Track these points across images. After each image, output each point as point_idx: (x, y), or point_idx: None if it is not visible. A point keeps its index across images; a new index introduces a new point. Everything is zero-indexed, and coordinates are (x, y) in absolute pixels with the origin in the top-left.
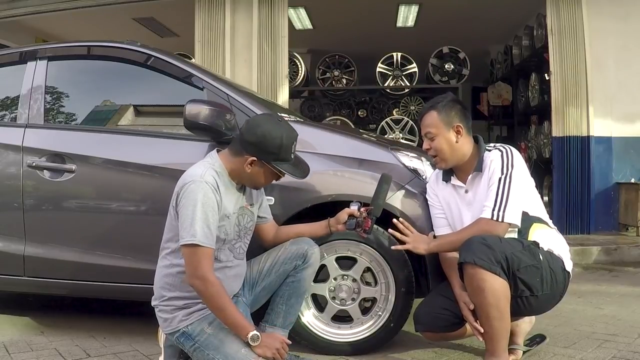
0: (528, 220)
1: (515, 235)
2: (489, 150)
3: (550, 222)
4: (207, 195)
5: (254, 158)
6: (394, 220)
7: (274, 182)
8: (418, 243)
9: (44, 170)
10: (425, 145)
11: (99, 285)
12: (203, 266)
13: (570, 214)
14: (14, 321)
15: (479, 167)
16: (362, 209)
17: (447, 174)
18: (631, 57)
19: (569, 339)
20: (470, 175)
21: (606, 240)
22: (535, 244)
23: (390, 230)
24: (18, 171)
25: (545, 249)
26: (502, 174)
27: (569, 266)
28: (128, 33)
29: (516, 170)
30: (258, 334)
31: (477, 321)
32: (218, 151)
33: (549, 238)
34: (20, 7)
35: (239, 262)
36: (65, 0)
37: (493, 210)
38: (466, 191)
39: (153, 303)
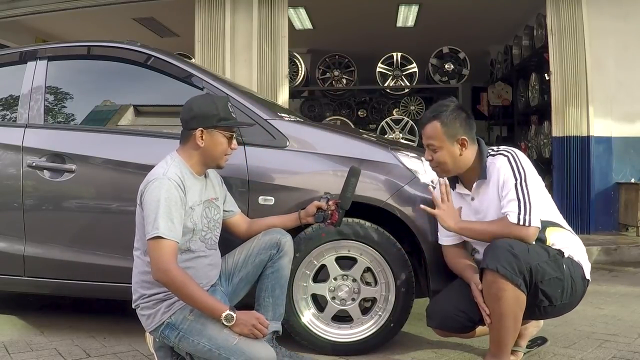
0: (541, 224)
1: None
2: (492, 156)
3: (564, 222)
4: (170, 191)
5: (201, 129)
6: (440, 179)
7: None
8: (448, 217)
9: (44, 170)
10: (427, 156)
11: (99, 285)
12: (165, 258)
13: (570, 214)
14: (14, 321)
15: (483, 175)
16: (330, 202)
17: (452, 181)
18: (631, 57)
19: (569, 339)
20: (475, 182)
21: (606, 240)
22: (561, 253)
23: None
24: (18, 171)
25: (567, 256)
26: (516, 179)
27: (588, 273)
28: (128, 33)
29: (528, 173)
30: (232, 313)
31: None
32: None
33: (568, 243)
34: (20, 7)
35: (212, 252)
36: (65, 0)
37: (519, 215)
38: (472, 199)
39: (134, 304)
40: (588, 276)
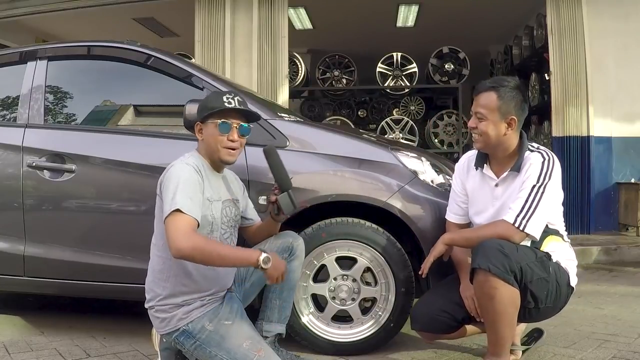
0: (544, 232)
1: (528, 244)
2: (531, 151)
3: (565, 234)
4: (190, 173)
5: (198, 122)
6: None
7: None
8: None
9: (44, 170)
10: (471, 123)
11: (99, 285)
12: (187, 229)
13: (570, 214)
14: (14, 321)
15: (516, 168)
16: (275, 191)
17: (481, 160)
18: (631, 57)
19: (569, 339)
20: (507, 172)
21: (606, 240)
22: (548, 255)
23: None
24: (18, 171)
25: (554, 260)
26: (538, 182)
27: (573, 281)
28: (128, 33)
29: (552, 182)
30: (268, 255)
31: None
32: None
33: (560, 251)
34: (20, 7)
35: None
36: (65, 0)
37: (517, 216)
38: (496, 185)
39: (147, 304)
40: (573, 284)
